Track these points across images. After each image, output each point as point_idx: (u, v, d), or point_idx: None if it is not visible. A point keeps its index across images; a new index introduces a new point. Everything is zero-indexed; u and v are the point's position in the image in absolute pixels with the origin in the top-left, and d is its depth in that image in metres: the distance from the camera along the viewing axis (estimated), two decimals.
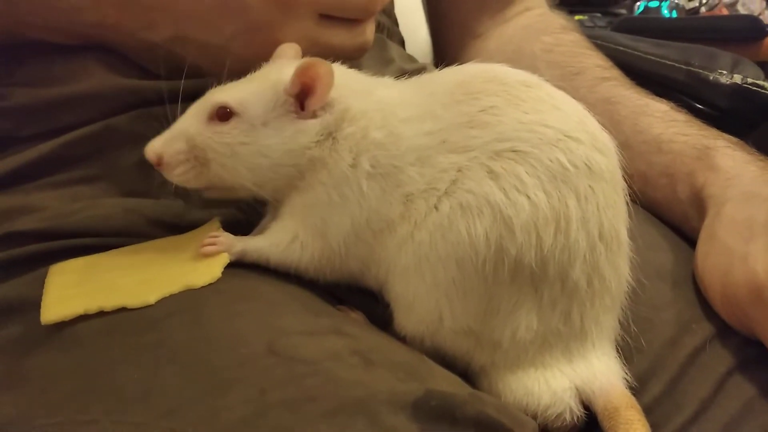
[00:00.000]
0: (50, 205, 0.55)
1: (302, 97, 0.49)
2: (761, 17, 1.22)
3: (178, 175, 0.50)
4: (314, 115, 0.49)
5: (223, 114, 0.49)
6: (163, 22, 0.56)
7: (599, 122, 0.49)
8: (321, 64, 0.48)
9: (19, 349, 0.47)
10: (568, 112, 0.48)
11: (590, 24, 1.30)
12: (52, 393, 0.43)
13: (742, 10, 1.34)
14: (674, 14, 1.37)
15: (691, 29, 1.11)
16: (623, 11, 1.41)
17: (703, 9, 1.34)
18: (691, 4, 1.34)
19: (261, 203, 0.56)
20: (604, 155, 0.47)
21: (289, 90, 0.49)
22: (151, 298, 0.46)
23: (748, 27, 1.07)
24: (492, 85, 0.49)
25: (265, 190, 0.50)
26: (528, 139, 0.46)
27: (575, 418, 0.48)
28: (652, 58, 0.90)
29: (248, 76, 0.52)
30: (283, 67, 0.51)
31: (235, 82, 0.52)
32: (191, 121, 0.50)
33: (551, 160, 0.45)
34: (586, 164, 0.46)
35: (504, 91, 0.48)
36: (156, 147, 0.50)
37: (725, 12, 1.34)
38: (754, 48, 1.07)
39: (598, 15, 1.37)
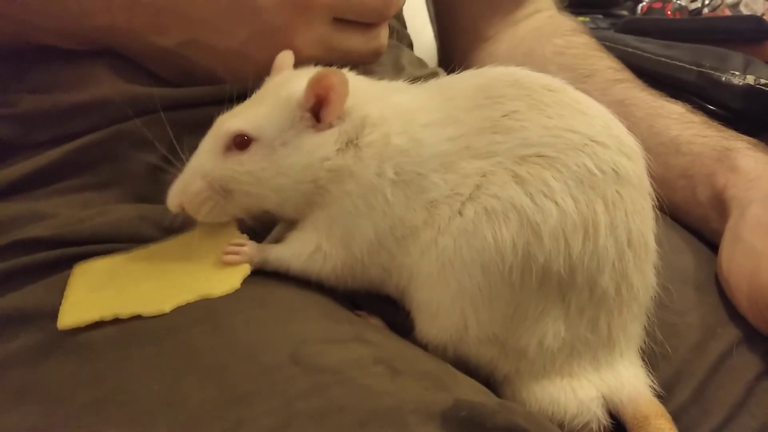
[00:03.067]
0: (61, 212, 0.54)
1: (317, 109, 0.48)
2: (765, 17, 1.21)
3: (206, 213, 0.49)
4: (330, 126, 0.48)
5: (242, 142, 0.48)
6: (175, 27, 0.55)
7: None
8: (334, 74, 0.47)
9: (34, 359, 0.46)
10: (593, 116, 0.47)
11: (593, 26, 1.29)
12: (68, 405, 0.42)
13: (744, 10, 1.34)
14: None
15: (695, 30, 1.10)
16: (625, 12, 1.40)
17: (705, 10, 1.34)
18: (694, 5, 1.34)
19: None
20: (631, 160, 0.47)
21: (304, 105, 0.48)
22: (167, 307, 0.45)
23: (753, 28, 1.07)
24: (514, 89, 0.48)
25: (286, 210, 0.50)
26: (553, 145, 0.45)
27: (602, 428, 0.47)
28: (663, 59, 0.90)
29: (255, 94, 0.51)
30: (293, 80, 0.50)
31: (244, 104, 0.51)
32: (205, 157, 0.49)
33: (578, 166, 0.45)
34: (613, 169, 0.45)
35: (527, 95, 0.47)
36: (174, 196, 0.49)
37: (728, 13, 1.34)
38: (758, 49, 1.06)
39: (600, 17, 1.36)
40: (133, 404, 0.41)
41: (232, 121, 0.49)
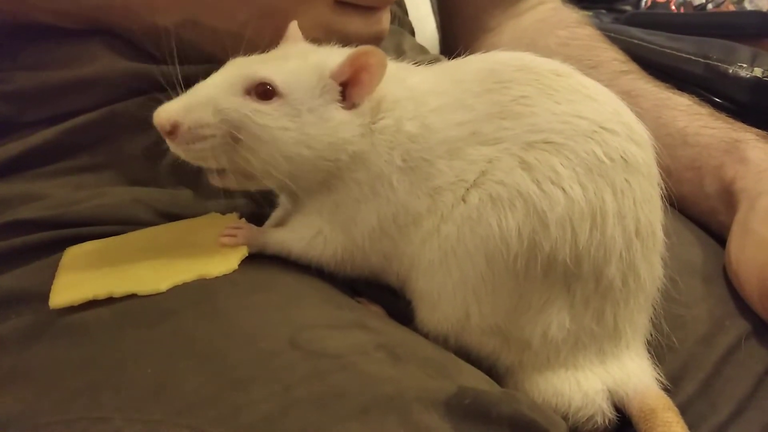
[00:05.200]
0: (54, 193, 0.53)
1: (345, 86, 0.46)
2: None
3: (195, 151, 0.44)
4: (353, 106, 0.46)
5: (264, 92, 0.44)
6: (173, 6, 0.54)
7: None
8: (374, 54, 0.44)
9: (25, 342, 0.45)
10: (602, 103, 0.46)
11: (596, 20, 1.28)
12: (60, 388, 0.41)
13: (749, 6, 1.33)
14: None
15: (700, 25, 1.09)
16: (628, 8, 1.39)
17: (710, 5, 1.34)
18: (699, 0, 1.34)
19: (273, 193, 0.55)
20: (641, 147, 0.46)
21: (337, 76, 0.46)
22: (163, 286, 0.44)
23: (758, 23, 1.06)
24: (523, 74, 0.47)
25: (299, 183, 0.47)
26: (562, 131, 0.44)
27: (607, 421, 0.46)
28: (669, 51, 0.88)
29: (275, 52, 0.48)
30: (319, 51, 0.48)
31: (266, 56, 0.47)
32: (221, 91, 0.45)
33: (587, 153, 0.44)
34: (622, 157, 0.44)
35: (535, 80, 0.46)
36: (172, 112, 0.44)
37: (732, 8, 1.34)
38: (762, 44, 1.05)
39: (604, 11, 1.35)
40: (126, 388, 0.40)
41: (260, 66, 0.45)
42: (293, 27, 0.52)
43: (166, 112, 0.44)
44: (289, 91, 0.45)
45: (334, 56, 0.46)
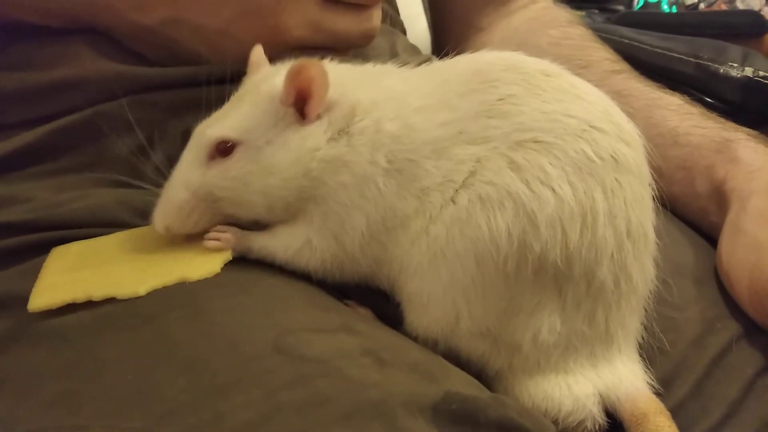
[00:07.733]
0: (37, 195, 0.52)
1: (300, 103, 0.46)
2: (762, 12, 1.21)
3: (193, 227, 0.47)
4: (318, 118, 0.46)
5: (224, 149, 0.46)
6: (158, 4, 0.54)
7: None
8: (311, 66, 0.44)
9: (4, 347, 0.44)
10: (591, 102, 0.46)
11: (588, 20, 1.28)
12: (37, 395, 0.40)
13: (741, 5, 1.33)
14: (674, 9, 1.36)
15: (691, 24, 1.09)
16: (621, 7, 1.39)
17: (702, 5, 1.34)
18: (691, 0, 1.34)
19: None
20: (631, 147, 0.45)
21: (285, 100, 0.46)
22: (141, 290, 0.44)
23: (750, 22, 1.06)
24: (510, 73, 0.46)
25: (276, 212, 0.47)
26: (551, 130, 0.44)
27: (597, 426, 0.45)
28: (660, 51, 0.88)
29: (233, 96, 0.49)
30: (272, 76, 0.48)
31: (223, 108, 0.49)
32: (188, 169, 0.47)
33: (576, 152, 0.43)
34: (612, 156, 0.44)
35: (523, 79, 0.46)
36: (159, 215, 0.47)
37: (724, 8, 1.34)
38: (754, 43, 1.05)
39: (596, 11, 1.35)
40: (105, 395, 0.39)
41: (212, 128, 0.47)
42: (257, 52, 0.51)
43: (157, 220, 0.47)
44: (245, 136, 0.46)
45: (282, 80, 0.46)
